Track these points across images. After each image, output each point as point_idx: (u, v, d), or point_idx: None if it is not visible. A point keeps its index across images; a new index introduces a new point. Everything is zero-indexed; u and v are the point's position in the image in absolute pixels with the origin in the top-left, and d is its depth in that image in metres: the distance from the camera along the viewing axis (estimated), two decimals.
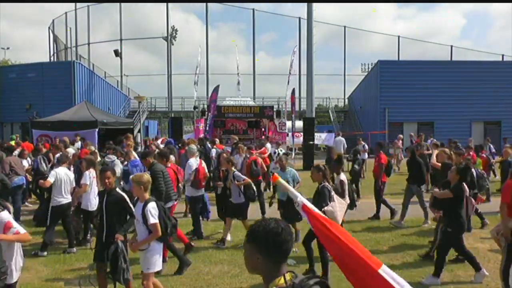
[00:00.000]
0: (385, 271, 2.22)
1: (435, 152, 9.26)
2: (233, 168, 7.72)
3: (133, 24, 62.14)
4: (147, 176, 4.80)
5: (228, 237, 7.84)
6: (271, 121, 21.23)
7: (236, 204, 7.58)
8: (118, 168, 8.99)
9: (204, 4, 35.50)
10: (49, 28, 38.85)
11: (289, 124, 22.26)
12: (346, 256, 2.20)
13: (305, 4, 20.64)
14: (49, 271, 6.46)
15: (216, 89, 20.52)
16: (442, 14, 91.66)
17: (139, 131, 22.86)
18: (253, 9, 35.53)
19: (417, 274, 6.11)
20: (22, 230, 4.03)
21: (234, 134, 18.58)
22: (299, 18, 35.17)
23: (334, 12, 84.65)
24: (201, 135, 17.90)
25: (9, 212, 5.19)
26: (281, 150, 13.22)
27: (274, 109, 21.26)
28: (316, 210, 2.26)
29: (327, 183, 6.05)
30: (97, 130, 16.26)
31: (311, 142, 19.65)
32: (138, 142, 17.94)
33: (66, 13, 36.58)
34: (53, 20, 38.23)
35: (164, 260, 6.73)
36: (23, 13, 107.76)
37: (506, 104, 26.78)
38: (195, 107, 23.49)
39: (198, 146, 11.80)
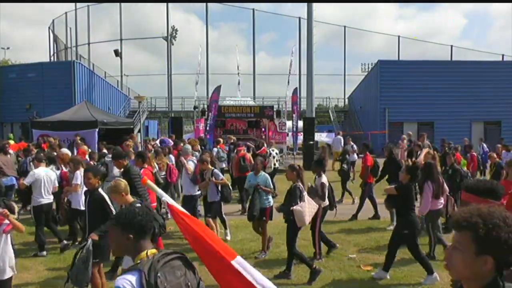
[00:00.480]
0: (238, 262, 2.36)
1: (423, 152, 9.47)
2: (209, 166, 7.63)
3: (133, 24, 62.16)
4: (123, 182, 4.77)
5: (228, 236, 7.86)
6: (271, 121, 21.20)
7: (210, 202, 7.55)
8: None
9: (204, 4, 35.56)
10: (49, 28, 38.87)
11: (289, 124, 22.23)
12: (206, 250, 2.38)
13: (305, 4, 20.63)
14: (49, 271, 6.47)
15: (217, 89, 20.50)
16: (442, 14, 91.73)
17: (139, 131, 22.86)
18: (253, 9, 35.55)
19: (417, 274, 6.11)
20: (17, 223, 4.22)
21: (234, 134, 18.58)
22: (299, 18, 35.18)
23: (334, 12, 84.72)
24: (201, 135, 17.92)
25: (13, 212, 5.24)
26: (272, 150, 13.14)
27: (274, 109, 21.24)
28: (179, 207, 2.46)
29: (299, 183, 6.10)
30: (97, 130, 16.26)
31: (311, 142, 19.66)
32: (138, 142, 17.93)
33: (66, 13, 36.59)
34: (53, 20, 38.25)
35: None
36: (23, 13, 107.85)
37: (506, 104, 26.77)
38: (195, 107, 23.47)
39: (199, 146, 11.86)
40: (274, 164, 12.17)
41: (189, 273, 2.19)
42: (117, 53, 34.73)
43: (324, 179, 6.92)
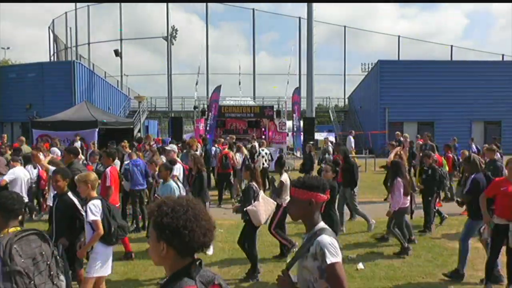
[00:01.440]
0: None
1: (393, 151, 9.68)
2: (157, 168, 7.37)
3: (133, 24, 62.15)
4: (93, 175, 4.69)
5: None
6: (271, 121, 21.19)
7: None
8: (118, 168, 9.01)
9: (205, 4, 35.56)
10: (49, 28, 38.88)
11: (289, 123, 22.21)
12: None
13: (305, 4, 20.68)
14: None
15: (217, 89, 20.51)
16: (443, 14, 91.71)
17: (139, 131, 22.88)
18: (253, 9, 35.57)
19: (417, 274, 6.11)
20: None
21: (234, 134, 18.60)
22: (299, 18, 35.20)
23: (334, 12, 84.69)
24: (202, 134, 17.92)
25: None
26: (262, 150, 13.05)
27: (274, 109, 21.24)
28: None
29: (254, 183, 5.99)
30: (97, 130, 16.28)
31: (311, 142, 19.67)
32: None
33: (66, 13, 36.62)
34: (53, 20, 38.28)
35: (130, 257, 6.69)
36: (23, 13, 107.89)
37: (506, 104, 26.76)
38: (195, 107, 23.48)
39: (196, 146, 11.93)
40: (263, 164, 12.22)
41: (45, 245, 2.78)
42: (117, 53, 34.75)
43: (284, 177, 6.80)
